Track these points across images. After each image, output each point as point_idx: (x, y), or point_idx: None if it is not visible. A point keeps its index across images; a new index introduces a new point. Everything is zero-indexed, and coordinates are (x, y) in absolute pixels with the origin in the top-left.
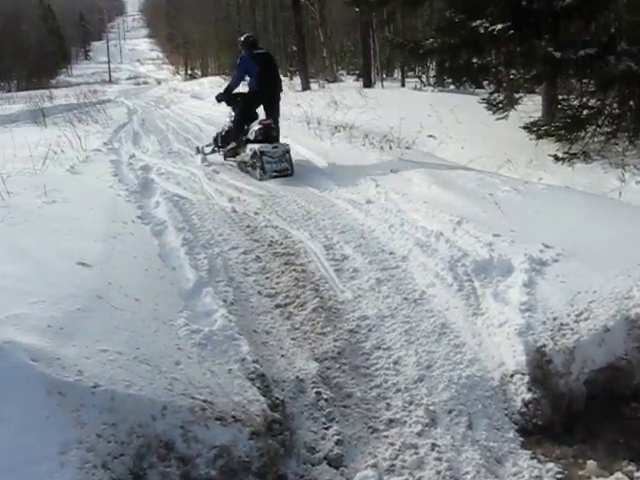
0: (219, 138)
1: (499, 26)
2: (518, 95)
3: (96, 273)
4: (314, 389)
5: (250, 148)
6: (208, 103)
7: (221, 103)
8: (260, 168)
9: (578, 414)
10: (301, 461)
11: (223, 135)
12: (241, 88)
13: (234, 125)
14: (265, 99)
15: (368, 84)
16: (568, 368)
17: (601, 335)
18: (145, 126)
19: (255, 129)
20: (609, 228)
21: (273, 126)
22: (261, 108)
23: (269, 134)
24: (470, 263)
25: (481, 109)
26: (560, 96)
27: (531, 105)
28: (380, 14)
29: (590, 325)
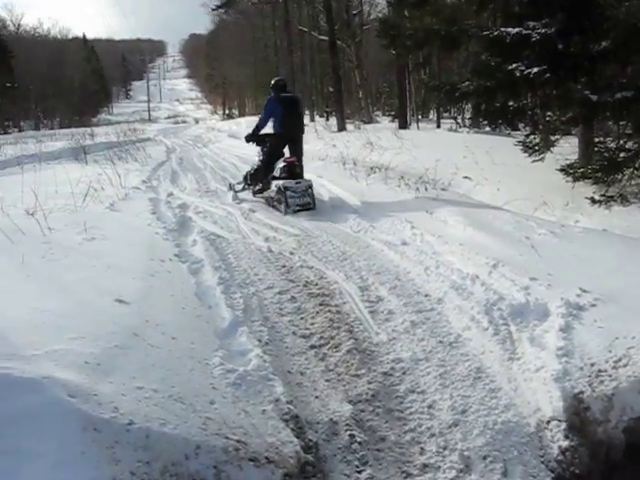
0: (248, 176)
1: (535, 69)
2: (554, 137)
3: (134, 310)
4: (347, 432)
5: (275, 184)
6: (245, 142)
7: (250, 143)
8: (284, 202)
9: (617, 463)
10: None
11: (252, 173)
12: (268, 128)
13: (262, 164)
14: (289, 140)
15: (404, 125)
16: (606, 415)
17: None
18: (183, 164)
19: (280, 166)
20: None
21: (297, 163)
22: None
23: (293, 171)
24: (506, 307)
25: (517, 151)
26: (597, 138)
27: (567, 147)
28: (416, 57)
29: (629, 372)
